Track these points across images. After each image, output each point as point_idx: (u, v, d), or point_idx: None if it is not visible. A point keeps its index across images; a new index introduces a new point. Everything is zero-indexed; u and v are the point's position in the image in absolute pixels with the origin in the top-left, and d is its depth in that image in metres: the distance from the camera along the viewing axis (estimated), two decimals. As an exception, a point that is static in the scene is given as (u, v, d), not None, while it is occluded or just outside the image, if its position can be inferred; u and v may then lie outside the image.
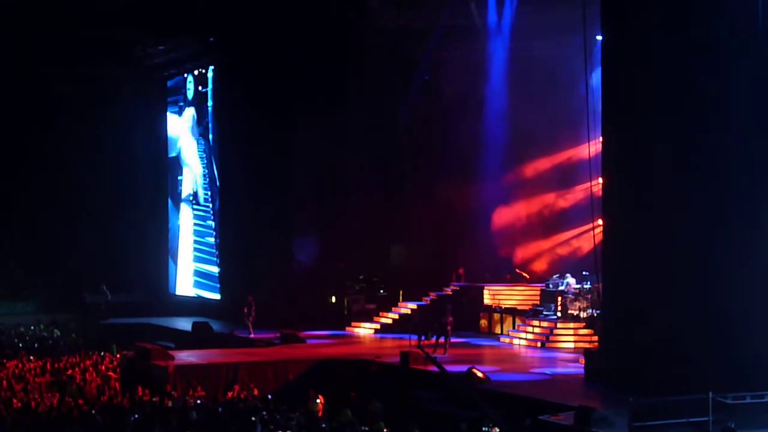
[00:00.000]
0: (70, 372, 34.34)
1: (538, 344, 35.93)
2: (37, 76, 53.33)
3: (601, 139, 29.15)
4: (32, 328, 48.63)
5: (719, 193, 24.45)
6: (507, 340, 37.74)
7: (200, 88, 51.80)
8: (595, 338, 32.40)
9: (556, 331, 36.14)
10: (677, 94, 25.26)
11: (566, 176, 41.75)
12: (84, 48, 50.34)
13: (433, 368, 29.45)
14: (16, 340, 44.60)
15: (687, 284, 24.97)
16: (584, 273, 37.04)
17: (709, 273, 24.53)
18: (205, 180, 51.66)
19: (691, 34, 24.96)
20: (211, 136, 50.90)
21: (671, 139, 25.43)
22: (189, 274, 53.15)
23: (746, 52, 24.03)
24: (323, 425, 22.85)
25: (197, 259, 52.36)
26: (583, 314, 36.11)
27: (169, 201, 55.23)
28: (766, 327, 23.64)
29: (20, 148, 54.59)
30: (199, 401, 27.13)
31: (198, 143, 52.32)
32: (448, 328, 34.06)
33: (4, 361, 37.76)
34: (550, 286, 38.74)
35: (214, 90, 50.56)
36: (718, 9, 24.70)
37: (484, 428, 22.77)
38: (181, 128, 54.30)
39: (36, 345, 43.48)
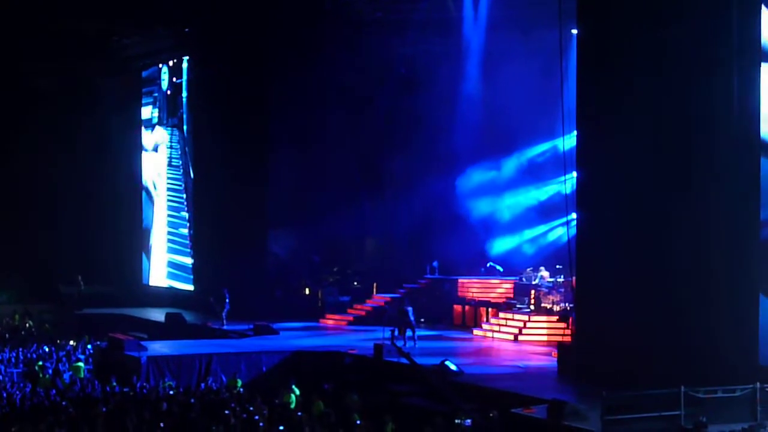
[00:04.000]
0: (42, 363, 34.22)
1: (512, 337, 36.03)
2: (10, 68, 53.02)
3: (575, 132, 29.23)
4: (7, 319, 48.48)
5: (690, 192, 24.58)
6: (480, 333, 37.80)
7: (175, 79, 51.62)
8: (569, 332, 32.49)
9: (529, 324, 36.22)
10: (651, 89, 25.36)
11: (542, 169, 41.84)
12: (58, 39, 50.07)
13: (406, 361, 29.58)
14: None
15: (657, 280, 25.13)
16: (558, 266, 37.18)
17: (677, 270, 24.67)
18: (178, 171, 51.50)
19: (665, 28, 25.04)
20: (185, 127, 50.74)
21: (644, 135, 25.55)
22: (162, 265, 53.00)
23: (722, 47, 24.10)
24: (297, 416, 22.86)
25: (171, 251, 52.21)
26: (556, 307, 36.23)
27: (143, 192, 55.05)
28: (731, 324, 23.75)
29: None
30: (171, 392, 27.11)
31: (172, 134, 52.17)
32: (407, 319, 34.08)
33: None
34: (524, 279, 38.84)
35: (188, 81, 50.40)
36: (690, 4, 24.81)
37: (456, 421, 22.83)
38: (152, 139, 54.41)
39: (8, 335, 43.31)
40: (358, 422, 22.70)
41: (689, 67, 24.61)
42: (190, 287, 49.68)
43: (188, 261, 50.15)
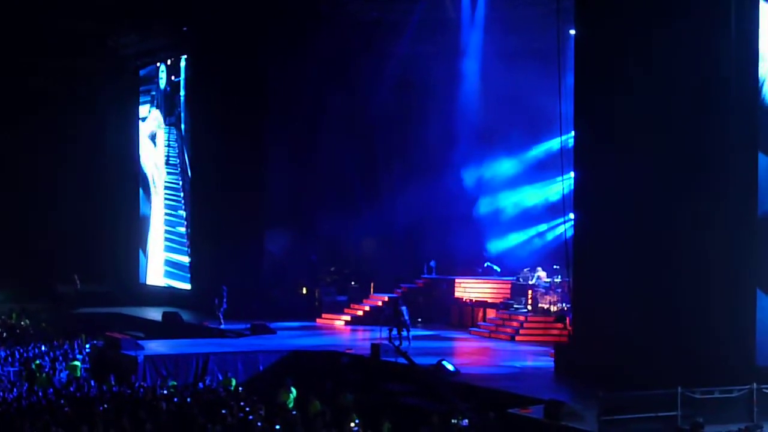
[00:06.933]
0: (38, 361, 34.19)
1: (509, 337, 36.04)
2: (7, 66, 52.97)
3: (573, 133, 29.23)
4: (3, 318, 48.45)
5: (687, 191, 24.57)
6: (477, 332, 37.80)
7: (173, 77, 51.62)
8: (565, 332, 32.51)
9: (526, 325, 36.23)
10: (649, 89, 25.35)
11: (539, 170, 41.79)
12: (56, 38, 50.07)
13: (404, 361, 29.59)
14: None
15: (654, 280, 25.11)
16: (555, 266, 37.17)
17: (675, 270, 24.66)
18: (176, 169, 51.50)
19: (662, 29, 25.04)
20: (183, 126, 50.73)
21: (642, 136, 25.53)
22: (159, 263, 53.01)
23: (718, 48, 24.08)
24: (292, 415, 22.86)
25: (168, 249, 52.21)
26: (553, 308, 36.24)
27: (140, 190, 55.05)
28: (728, 324, 23.72)
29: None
30: (167, 391, 27.09)
31: (170, 133, 52.16)
32: (402, 319, 34.01)
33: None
34: (521, 279, 38.82)
35: (186, 79, 50.39)
36: (688, 4, 24.79)
37: (453, 420, 22.83)
38: (148, 128, 54.39)
39: (5, 334, 43.27)
40: (356, 421, 22.70)
41: (686, 65, 24.57)
42: (188, 286, 49.66)
43: (185, 259, 50.13)
